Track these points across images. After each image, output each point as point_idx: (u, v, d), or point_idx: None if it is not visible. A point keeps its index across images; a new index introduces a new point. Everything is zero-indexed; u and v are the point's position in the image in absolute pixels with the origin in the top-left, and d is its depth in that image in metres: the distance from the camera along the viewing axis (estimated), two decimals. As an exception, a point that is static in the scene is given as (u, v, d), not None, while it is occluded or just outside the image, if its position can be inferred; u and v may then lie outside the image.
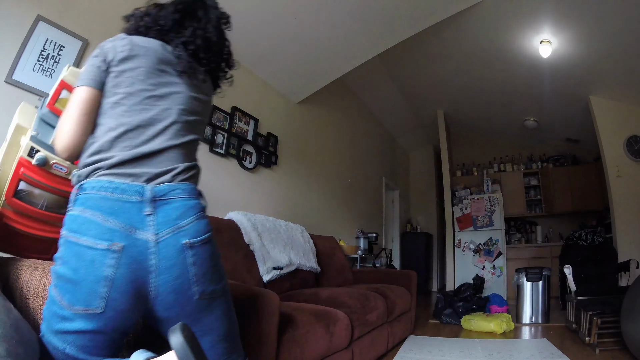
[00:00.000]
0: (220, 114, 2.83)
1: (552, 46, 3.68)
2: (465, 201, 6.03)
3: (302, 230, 2.98)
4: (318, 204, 4.11)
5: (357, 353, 1.96)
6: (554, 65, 3.95)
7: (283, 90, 3.62)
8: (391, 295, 2.59)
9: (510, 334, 3.18)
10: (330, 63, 3.40)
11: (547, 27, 3.52)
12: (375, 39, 3.27)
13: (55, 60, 1.80)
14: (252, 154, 3.12)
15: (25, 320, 0.85)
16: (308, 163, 3.99)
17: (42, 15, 1.76)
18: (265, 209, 3.22)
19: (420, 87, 5.39)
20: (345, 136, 4.93)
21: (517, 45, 3.90)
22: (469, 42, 4.06)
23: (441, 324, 3.65)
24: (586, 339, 2.64)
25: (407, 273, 3.25)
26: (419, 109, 6.11)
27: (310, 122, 4.12)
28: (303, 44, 3.05)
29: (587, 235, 3.85)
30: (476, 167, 6.66)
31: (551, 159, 6.34)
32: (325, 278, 2.95)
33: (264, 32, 2.82)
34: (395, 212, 6.80)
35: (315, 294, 2.20)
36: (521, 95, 4.91)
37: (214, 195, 2.69)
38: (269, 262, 2.36)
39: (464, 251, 5.85)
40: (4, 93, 1.62)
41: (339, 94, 4.74)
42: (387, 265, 5.08)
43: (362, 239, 4.55)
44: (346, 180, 4.87)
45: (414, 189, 7.77)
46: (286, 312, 1.56)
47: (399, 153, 7.30)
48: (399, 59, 4.62)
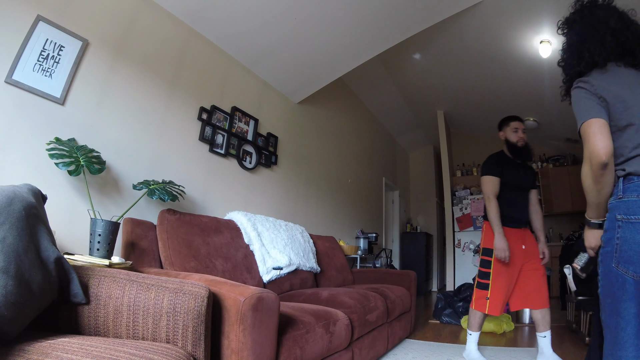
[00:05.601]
0: (220, 114, 2.83)
1: (552, 46, 3.69)
2: (465, 201, 6.03)
3: (302, 230, 2.98)
4: (318, 204, 4.11)
5: (357, 353, 1.96)
6: (554, 65, 3.94)
7: (283, 90, 3.62)
8: (391, 295, 2.59)
9: (510, 334, 3.19)
10: (330, 63, 3.40)
11: (547, 27, 3.52)
12: (375, 39, 3.27)
13: (55, 61, 1.80)
14: (252, 154, 3.12)
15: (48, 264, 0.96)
16: (308, 163, 3.99)
17: (42, 15, 1.76)
18: (265, 209, 3.22)
19: (420, 87, 5.39)
20: (345, 136, 4.93)
21: (517, 45, 3.90)
22: (469, 42, 4.06)
23: (441, 324, 3.65)
24: (586, 339, 2.65)
25: (407, 273, 3.25)
26: (419, 109, 6.12)
27: (310, 122, 4.12)
28: (303, 44, 3.05)
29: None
30: (476, 167, 6.66)
31: (551, 159, 6.34)
32: (325, 278, 2.95)
33: (264, 32, 2.83)
34: (395, 212, 6.80)
35: (315, 294, 2.20)
36: (521, 95, 4.91)
37: (214, 195, 2.70)
38: (269, 262, 2.36)
39: (464, 251, 5.85)
40: (4, 93, 1.62)
41: (339, 94, 4.74)
42: (387, 266, 5.08)
43: (362, 239, 4.55)
44: (346, 181, 4.87)
45: (414, 189, 7.78)
46: (286, 312, 1.56)
47: (399, 153, 7.30)
48: (399, 59, 4.62)
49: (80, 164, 1.69)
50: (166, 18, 2.47)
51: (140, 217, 2.00)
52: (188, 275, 1.47)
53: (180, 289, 1.07)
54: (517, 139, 2.36)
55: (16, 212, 0.91)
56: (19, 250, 0.88)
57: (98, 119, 1.99)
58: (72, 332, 1.06)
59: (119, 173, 2.06)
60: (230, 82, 2.99)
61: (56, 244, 1.06)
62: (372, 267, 4.43)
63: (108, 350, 0.82)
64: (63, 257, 1.04)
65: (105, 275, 1.12)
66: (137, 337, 1.05)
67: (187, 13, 2.54)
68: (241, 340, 1.19)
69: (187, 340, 1.03)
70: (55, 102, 1.80)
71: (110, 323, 1.06)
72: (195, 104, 2.63)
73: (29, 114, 1.69)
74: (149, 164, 2.25)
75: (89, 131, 1.94)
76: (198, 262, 1.92)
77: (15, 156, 1.62)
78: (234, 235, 2.29)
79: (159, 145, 2.34)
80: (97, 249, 1.58)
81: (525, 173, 2.42)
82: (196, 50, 2.69)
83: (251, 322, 1.21)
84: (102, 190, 1.96)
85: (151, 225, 1.96)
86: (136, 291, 1.07)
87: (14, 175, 1.59)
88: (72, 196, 1.80)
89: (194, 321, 1.04)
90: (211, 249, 2.04)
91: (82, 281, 1.08)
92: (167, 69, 2.46)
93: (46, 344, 0.83)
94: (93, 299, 1.08)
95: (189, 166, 2.54)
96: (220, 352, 1.22)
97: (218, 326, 1.22)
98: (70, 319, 1.07)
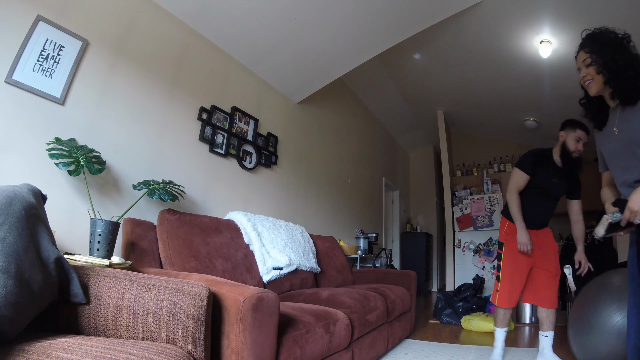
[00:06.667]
0: (220, 114, 2.83)
1: (552, 46, 3.69)
2: (465, 201, 6.03)
3: (302, 230, 2.98)
4: (318, 204, 4.11)
5: (357, 353, 1.96)
6: (554, 66, 3.95)
7: (283, 90, 3.62)
8: (391, 296, 2.59)
9: (511, 334, 3.18)
10: (330, 63, 3.40)
11: (547, 27, 3.52)
12: (375, 39, 3.27)
13: (55, 61, 1.80)
14: (252, 154, 3.12)
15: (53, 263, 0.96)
16: (308, 163, 3.99)
17: (42, 15, 1.76)
18: (265, 209, 3.22)
19: (420, 87, 5.39)
20: (345, 136, 4.93)
21: (517, 45, 3.90)
22: (469, 42, 4.06)
23: (441, 324, 3.65)
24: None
25: (407, 273, 3.25)
26: (419, 109, 6.12)
27: (310, 122, 4.12)
28: (303, 44, 3.05)
29: (587, 236, 3.84)
30: (476, 167, 6.66)
31: (551, 159, 6.34)
32: (325, 278, 2.95)
33: (264, 32, 2.83)
34: (395, 212, 6.80)
35: (315, 294, 2.20)
36: (521, 95, 4.91)
37: (214, 195, 2.70)
38: (269, 262, 2.36)
39: (464, 251, 5.85)
40: (4, 93, 1.62)
41: (339, 94, 4.74)
42: (387, 265, 5.08)
43: (362, 239, 4.55)
44: (346, 181, 4.87)
45: (414, 189, 7.78)
46: (286, 312, 1.56)
47: (399, 153, 7.30)
48: (399, 59, 4.62)
49: (80, 164, 1.69)
50: (166, 18, 2.47)
51: (140, 217, 2.00)
52: (188, 275, 1.47)
53: (180, 289, 1.07)
54: (575, 148, 2.26)
55: (16, 212, 0.91)
56: (19, 250, 0.87)
57: (98, 119, 1.99)
58: (72, 332, 1.06)
59: (119, 173, 2.06)
60: (230, 82, 2.99)
61: (56, 244, 1.06)
62: (372, 267, 4.43)
63: (108, 350, 0.82)
64: (63, 257, 1.04)
65: (105, 275, 1.12)
66: (137, 337, 1.05)
67: (187, 13, 2.54)
68: (241, 340, 1.19)
69: (187, 340, 1.03)
70: (55, 102, 1.80)
71: (110, 323, 1.06)
72: (195, 104, 2.63)
73: (29, 114, 1.69)
74: (149, 164, 2.25)
75: (89, 131, 1.94)
76: (198, 262, 1.92)
77: (15, 156, 1.62)
78: (234, 235, 2.29)
79: (159, 145, 2.34)
80: (97, 249, 1.58)
81: (561, 182, 2.31)
82: (196, 50, 2.69)
83: (251, 322, 1.21)
84: (102, 190, 1.96)
85: (151, 225, 1.96)
86: (136, 291, 1.07)
87: (14, 175, 1.59)
88: (72, 196, 1.80)
89: (194, 321, 1.04)
90: (211, 249, 2.04)
91: (82, 281, 1.08)
92: (167, 69, 2.46)
93: (46, 344, 0.83)
94: (93, 299, 1.08)
95: (189, 166, 2.53)
96: (220, 352, 1.22)
97: (218, 326, 1.22)
98: (70, 319, 1.07)
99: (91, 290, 1.09)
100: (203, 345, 1.06)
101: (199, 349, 1.04)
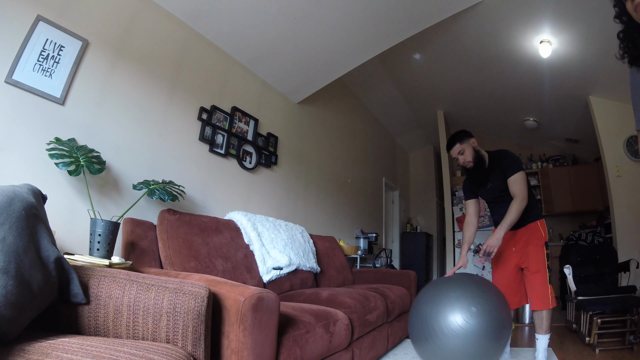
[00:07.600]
0: (220, 114, 2.83)
1: (552, 46, 3.68)
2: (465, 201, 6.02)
3: (302, 230, 2.98)
4: (318, 204, 4.11)
5: (357, 353, 1.96)
6: (554, 66, 3.95)
7: (283, 90, 3.62)
8: (391, 295, 2.59)
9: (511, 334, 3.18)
10: (330, 63, 3.40)
11: (547, 27, 3.52)
12: (375, 39, 3.27)
13: (55, 61, 1.80)
14: (252, 154, 3.12)
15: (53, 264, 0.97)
16: (308, 163, 3.99)
17: (42, 15, 1.76)
18: (265, 209, 3.22)
19: (420, 87, 5.39)
20: (345, 136, 4.93)
21: (517, 45, 3.90)
22: (469, 42, 4.06)
23: (441, 324, 3.64)
24: (586, 339, 2.65)
25: (407, 273, 3.25)
26: (419, 109, 6.11)
27: (310, 122, 4.12)
28: (303, 44, 3.05)
29: (587, 236, 3.84)
30: (476, 167, 6.65)
31: (551, 159, 6.34)
32: (325, 278, 2.95)
33: (263, 32, 2.82)
34: (395, 212, 6.80)
35: (315, 294, 2.20)
36: (521, 95, 4.91)
37: (214, 195, 2.70)
38: (269, 262, 2.36)
39: (464, 251, 5.84)
40: (4, 93, 1.62)
41: (339, 94, 4.74)
42: (387, 265, 5.07)
43: (362, 239, 4.55)
44: (346, 181, 4.87)
45: (414, 189, 7.77)
46: (286, 312, 1.56)
47: (399, 153, 7.30)
48: (399, 59, 4.62)
49: (80, 164, 1.69)
50: (166, 18, 2.47)
51: (140, 217, 2.00)
52: (188, 275, 1.47)
53: (180, 289, 1.07)
54: (462, 163, 2.60)
55: (16, 212, 0.91)
56: (19, 250, 0.87)
57: (98, 119, 1.99)
58: (72, 332, 1.06)
59: (119, 173, 2.06)
60: (230, 82, 2.99)
61: (56, 244, 1.06)
62: (372, 267, 4.43)
63: (108, 350, 0.82)
64: (63, 257, 1.04)
65: (105, 275, 1.12)
66: (137, 337, 1.04)
67: (187, 13, 2.54)
68: (241, 340, 1.19)
69: (187, 340, 1.03)
70: (55, 102, 1.80)
71: (110, 323, 1.06)
72: (195, 104, 2.63)
73: (29, 114, 1.69)
74: (149, 164, 2.25)
75: (89, 131, 1.94)
76: (198, 262, 1.92)
77: (15, 156, 1.62)
78: (234, 236, 2.29)
79: (159, 145, 2.34)
80: (97, 249, 1.58)
81: (491, 185, 2.55)
82: (196, 50, 2.69)
83: (251, 322, 1.21)
84: (102, 190, 1.96)
85: (151, 225, 1.96)
86: (136, 291, 1.07)
87: (14, 175, 1.59)
88: (72, 196, 1.80)
89: (194, 321, 1.04)
90: (211, 249, 2.04)
91: (82, 281, 1.08)
92: (167, 69, 2.46)
93: (46, 344, 0.83)
94: (93, 299, 1.08)
95: (189, 166, 2.53)
96: (220, 352, 1.22)
97: (218, 326, 1.22)
98: (70, 319, 1.07)
99: (91, 290, 1.09)
100: (203, 345, 1.06)
101: (199, 349, 1.04)
